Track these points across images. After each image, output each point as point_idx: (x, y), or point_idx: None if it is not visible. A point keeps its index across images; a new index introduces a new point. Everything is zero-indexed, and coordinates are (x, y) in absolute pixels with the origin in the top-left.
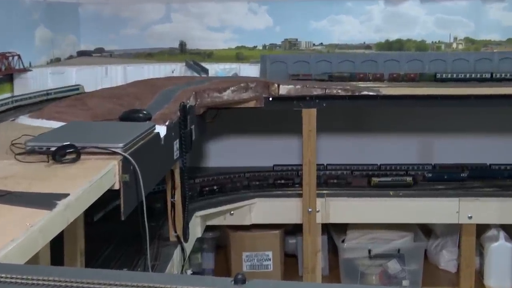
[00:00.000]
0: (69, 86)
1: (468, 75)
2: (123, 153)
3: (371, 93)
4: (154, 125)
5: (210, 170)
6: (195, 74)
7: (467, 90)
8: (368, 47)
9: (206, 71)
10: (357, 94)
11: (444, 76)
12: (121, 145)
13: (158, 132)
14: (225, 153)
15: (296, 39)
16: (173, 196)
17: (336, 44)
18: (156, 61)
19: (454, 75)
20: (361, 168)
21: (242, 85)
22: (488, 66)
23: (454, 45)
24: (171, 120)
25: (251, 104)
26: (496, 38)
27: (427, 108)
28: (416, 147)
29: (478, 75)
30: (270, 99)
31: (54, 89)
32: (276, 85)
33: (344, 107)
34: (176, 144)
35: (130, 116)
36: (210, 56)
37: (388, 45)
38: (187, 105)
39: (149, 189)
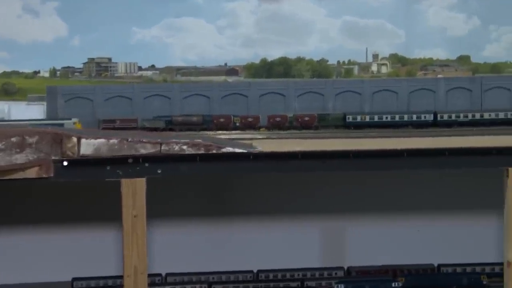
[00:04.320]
0: None
1: (398, 118)
2: None
3: (238, 150)
4: None
5: None
6: None
7: (397, 142)
8: (232, 71)
9: None
10: (215, 152)
11: (359, 119)
12: None
13: None
14: None
15: (109, 59)
16: None
17: (177, 67)
18: None
19: (376, 118)
20: (225, 279)
21: (13, 140)
22: (429, 102)
23: (374, 67)
24: None
25: (32, 173)
26: (441, 55)
27: (332, 173)
28: (319, 240)
29: (415, 117)
30: (65, 163)
31: None
32: (74, 139)
33: (193, 174)
34: None
35: None
36: None
37: (267, 68)
38: None
39: None
